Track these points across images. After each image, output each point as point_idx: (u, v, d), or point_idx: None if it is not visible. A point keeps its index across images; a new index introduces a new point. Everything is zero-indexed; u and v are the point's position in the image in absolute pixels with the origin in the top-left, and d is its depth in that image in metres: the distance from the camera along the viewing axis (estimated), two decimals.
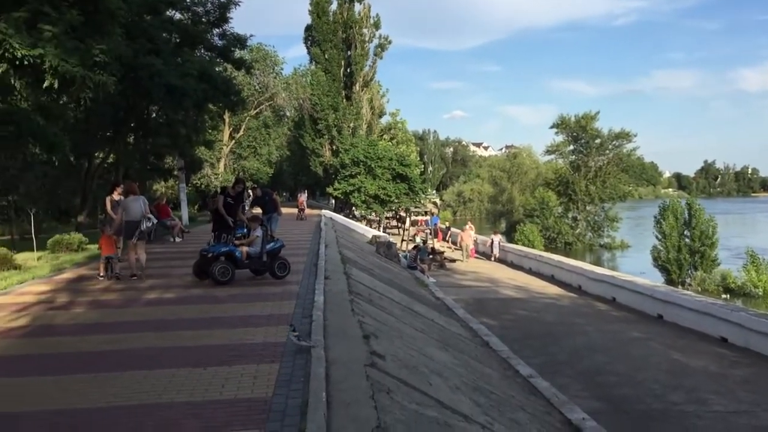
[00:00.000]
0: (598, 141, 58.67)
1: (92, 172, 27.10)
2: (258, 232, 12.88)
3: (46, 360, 7.20)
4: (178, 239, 22.59)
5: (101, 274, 13.29)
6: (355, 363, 6.52)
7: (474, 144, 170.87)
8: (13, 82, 13.65)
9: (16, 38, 12.48)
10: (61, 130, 17.62)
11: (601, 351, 12.96)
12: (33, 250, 18.62)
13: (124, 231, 13.62)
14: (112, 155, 28.85)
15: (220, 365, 6.72)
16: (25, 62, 12.83)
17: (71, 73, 13.36)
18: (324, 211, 41.05)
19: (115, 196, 15.70)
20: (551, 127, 60.13)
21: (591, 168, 58.81)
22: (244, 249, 12.62)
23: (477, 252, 34.51)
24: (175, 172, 34.14)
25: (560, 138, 60.37)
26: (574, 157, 60.25)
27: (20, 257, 17.05)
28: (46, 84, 13.50)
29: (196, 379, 6.27)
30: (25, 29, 12.94)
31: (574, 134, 59.33)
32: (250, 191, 25.62)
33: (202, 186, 50.07)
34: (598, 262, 43.10)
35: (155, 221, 15.68)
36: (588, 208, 58.75)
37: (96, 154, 28.25)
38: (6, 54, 12.55)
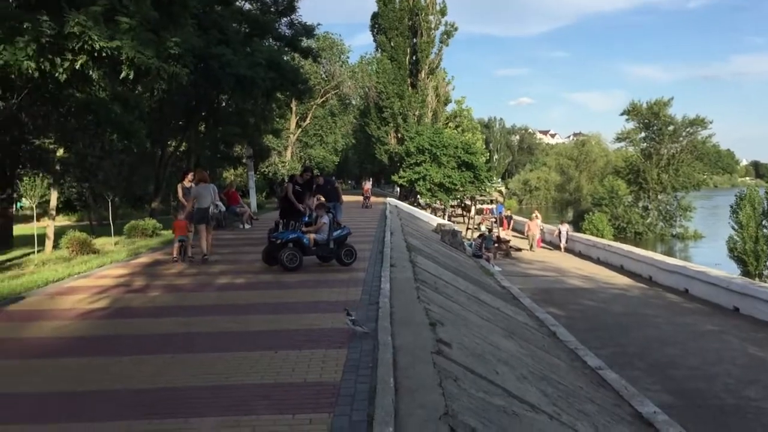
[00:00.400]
0: (671, 128, 56.88)
1: (165, 160, 27.92)
2: (325, 219, 13.05)
3: (125, 340, 7.50)
4: (247, 226, 23.09)
5: (175, 256, 14.10)
6: (422, 350, 6.57)
7: (541, 131, 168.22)
8: (91, 73, 14.17)
9: (94, 31, 12.95)
10: (136, 119, 18.22)
11: (672, 343, 12.65)
12: (110, 235, 19.35)
13: (195, 216, 14.29)
14: (184, 143, 29.65)
15: (290, 349, 6.87)
16: (103, 54, 13.31)
17: (147, 64, 13.79)
18: (389, 199, 41.24)
19: (186, 183, 16.20)
20: (622, 114, 58.61)
21: (663, 156, 57.11)
22: (312, 236, 12.80)
23: (543, 241, 34.06)
24: (244, 160, 34.84)
25: (631, 125, 58.83)
26: (645, 144, 58.61)
27: (99, 242, 17.75)
28: (122, 75, 13.99)
29: (267, 362, 6.43)
30: (103, 22, 13.41)
31: (646, 121, 57.69)
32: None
33: (270, 174, 50.92)
34: (669, 253, 41.92)
35: (223, 208, 16.27)
36: (660, 197, 57.14)
37: (169, 143, 29.08)
38: (85, 46, 13.05)
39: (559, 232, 32.52)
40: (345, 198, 42.89)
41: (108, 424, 4.90)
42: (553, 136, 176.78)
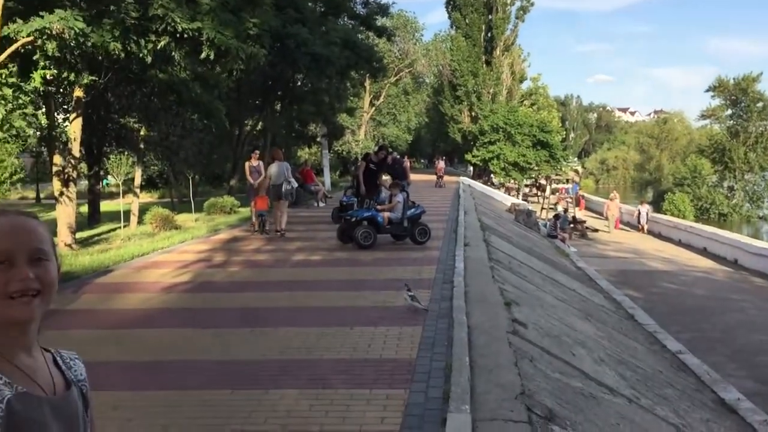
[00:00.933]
0: (760, 104, 54.17)
1: (242, 139, 28.50)
2: (399, 197, 13.09)
3: (207, 313, 7.76)
4: (321, 204, 23.40)
5: (255, 228, 15.17)
6: (497, 329, 6.55)
7: (619, 109, 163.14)
8: (173, 53, 14.56)
9: (177, 12, 13.28)
10: (216, 98, 18.67)
11: (760, 329, 12.16)
12: (191, 212, 19.95)
13: (270, 193, 15.10)
14: (260, 123, 30.18)
15: (366, 326, 6.96)
16: (185, 35, 13.65)
17: (226, 44, 14.07)
18: (462, 178, 40.98)
19: (253, 161, 16.75)
20: (707, 91, 56.08)
21: (751, 134, 54.48)
22: (386, 214, 12.87)
23: (621, 222, 33.21)
24: (319, 139, 35.20)
25: (717, 102, 56.34)
26: (732, 122, 56.05)
27: (180, 218, 18.32)
28: (203, 55, 14.33)
29: (343, 338, 6.53)
30: (185, 3, 13.75)
31: (733, 97, 55.10)
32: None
33: (344, 153, 51.33)
34: (756, 235, 40.12)
35: (295, 185, 16.65)
36: (746, 177, 54.65)
37: (246, 122, 29.66)
38: (168, 28, 13.40)
39: (639, 213, 31.61)
40: (417, 177, 42.80)
41: (194, 392, 5.09)
42: (632, 113, 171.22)
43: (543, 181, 46.36)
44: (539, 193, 46.02)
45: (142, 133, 18.99)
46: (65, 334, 6.81)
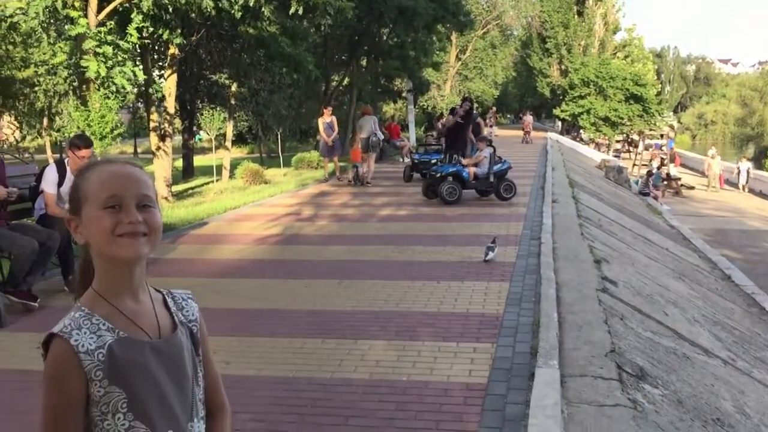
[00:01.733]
0: None
1: (329, 95, 28.72)
2: (486, 152, 12.93)
3: (296, 265, 7.98)
4: (406, 159, 23.40)
5: (350, 179, 16.29)
6: (586, 287, 6.45)
7: (720, 60, 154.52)
8: (263, 9, 14.74)
9: None
10: (304, 51, 18.84)
11: None
12: (279, 167, 20.39)
13: (360, 145, 16.18)
14: (346, 78, 30.29)
15: (453, 280, 6.99)
16: None
17: None
18: (550, 134, 40.07)
19: (326, 117, 17.04)
20: None
21: None
22: (472, 169, 12.76)
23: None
24: (404, 94, 35.04)
25: None
26: None
27: (269, 173, 18.76)
28: (291, 10, 14.44)
29: (430, 292, 6.60)
30: None
31: None
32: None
33: (429, 108, 50.94)
34: None
35: (381, 137, 17.05)
36: None
37: (332, 77, 29.82)
38: None
39: (739, 171, 30.15)
40: (503, 133, 42.12)
41: (286, 339, 5.28)
42: (734, 65, 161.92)
43: (635, 137, 44.77)
44: (631, 149, 44.53)
45: (233, 89, 19.42)
46: (165, 281, 7.15)
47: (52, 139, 20.68)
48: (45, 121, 18.92)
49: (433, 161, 14.87)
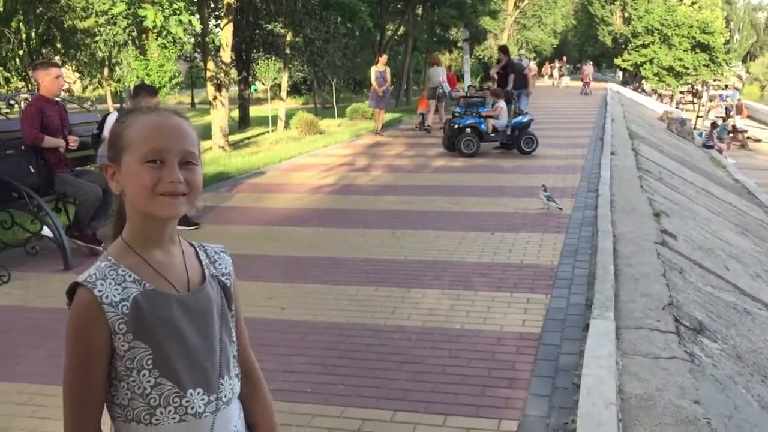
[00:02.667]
0: None
1: (384, 44, 28.40)
2: (501, 104, 12.63)
3: (351, 214, 8.03)
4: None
5: (415, 125, 17.28)
6: (645, 240, 6.32)
7: None
8: None
9: None
10: (359, 0, 18.62)
11: None
12: (333, 117, 20.40)
13: (427, 94, 17.06)
14: (402, 27, 29.85)
15: (507, 231, 6.94)
16: None
17: None
18: (610, 85, 38.92)
19: (379, 66, 16.86)
20: None
21: None
22: (490, 122, 12.48)
23: None
24: (460, 44, 34.44)
25: None
26: None
27: (323, 123, 18.79)
28: None
29: (484, 243, 6.57)
30: None
31: None
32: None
33: (485, 58, 49.95)
34: None
35: (447, 89, 16.97)
36: None
37: (387, 27, 29.43)
38: None
39: None
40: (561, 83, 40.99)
41: (340, 287, 5.35)
42: None
43: (700, 88, 43.16)
44: (695, 101, 43.00)
45: (288, 38, 19.37)
46: (224, 228, 7.32)
47: (113, 89, 21.08)
48: (105, 71, 19.26)
49: (456, 126, 13.47)
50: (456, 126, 12.65)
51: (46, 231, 6.20)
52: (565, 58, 51.26)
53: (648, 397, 3.32)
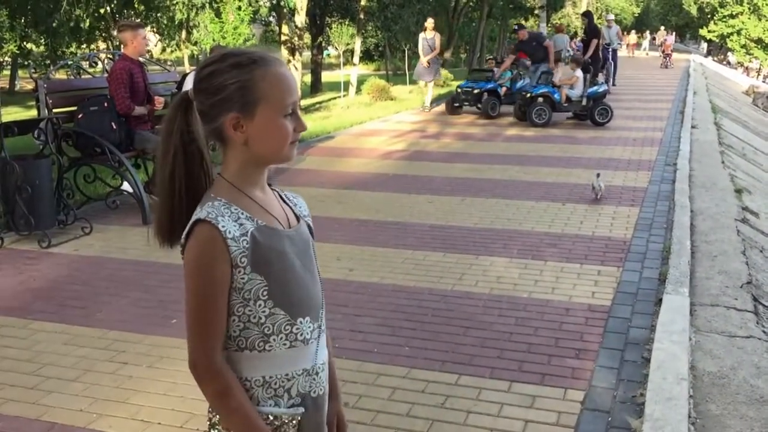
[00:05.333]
0: None
1: (459, 11, 27.98)
2: (579, 73, 12.22)
3: (420, 180, 8.01)
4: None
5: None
6: (724, 216, 6.11)
7: None
8: None
9: None
10: None
11: None
12: (405, 84, 20.27)
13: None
14: None
15: (578, 203, 6.82)
16: None
17: None
18: (693, 56, 37.38)
19: (427, 33, 15.35)
20: None
21: None
22: (564, 91, 12.11)
23: None
24: (537, 11, 33.58)
25: None
26: None
27: (395, 90, 18.70)
28: None
29: (555, 213, 6.47)
30: None
31: None
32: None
33: (566, 26, 48.63)
34: None
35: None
36: None
37: None
38: None
39: None
40: (641, 55, 39.58)
41: (408, 251, 5.37)
42: None
43: None
44: None
45: (362, 3, 19.28)
46: (295, 190, 7.37)
47: (189, 52, 21.49)
48: (183, 33, 19.64)
49: (476, 90, 13.59)
50: (528, 95, 12.39)
51: (126, 186, 6.43)
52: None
53: (722, 375, 3.24)
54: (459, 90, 14.20)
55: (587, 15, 17.65)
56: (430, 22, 15.66)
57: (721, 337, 3.67)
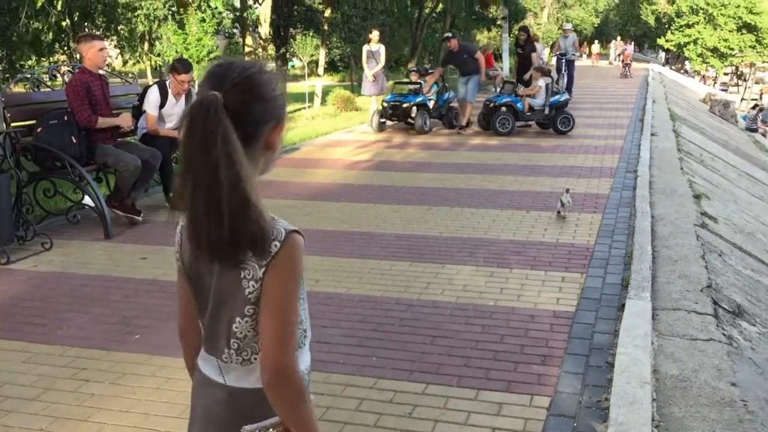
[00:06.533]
0: None
1: (422, 22, 28.16)
2: (541, 82, 12.41)
3: (386, 190, 8.02)
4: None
5: None
6: (684, 221, 6.23)
7: None
8: None
9: None
10: None
11: None
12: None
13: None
14: (440, 4, 29.54)
15: (542, 210, 6.89)
16: None
17: None
18: (652, 65, 38.13)
19: (372, 44, 14.51)
20: None
21: None
22: (527, 100, 12.29)
23: None
24: (499, 22, 34.00)
25: None
26: None
27: (360, 100, 18.73)
28: None
29: (519, 221, 6.53)
30: None
31: None
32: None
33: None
34: None
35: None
36: None
37: (425, 4, 29.15)
38: None
39: None
40: (602, 65, 40.16)
41: (374, 261, 5.37)
42: None
43: (745, 69, 42.06)
44: (739, 83, 41.93)
45: (326, 14, 19.32)
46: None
47: (152, 64, 21.28)
48: (145, 45, 19.45)
49: (405, 105, 12.80)
50: (491, 104, 12.52)
51: (87, 200, 6.33)
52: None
53: (684, 378, 3.29)
54: (385, 105, 13.15)
55: (524, 30, 18.09)
56: (374, 33, 14.58)
57: (683, 341, 3.74)
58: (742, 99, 34.06)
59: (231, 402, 1.50)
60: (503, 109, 12.27)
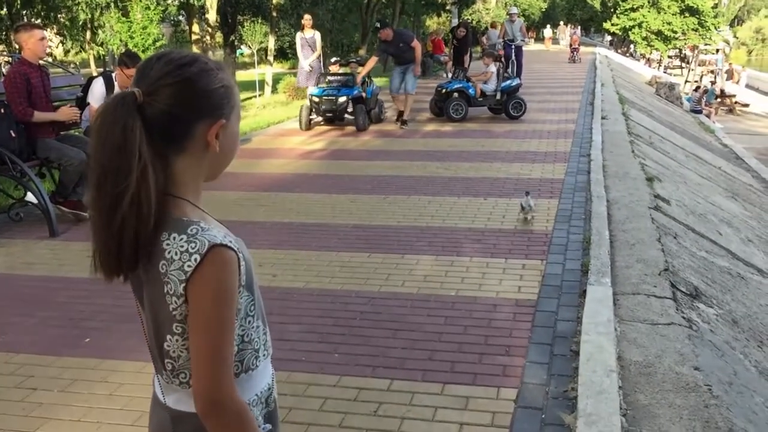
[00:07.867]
0: None
1: (372, 8, 27.96)
2: (492, 68, 12.45)
3: (342, 180, 7.92)
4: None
5: None
6: (638, 204, 6.28)
7: None
8: None
9: None
10: None
11: None
12: None
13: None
14: None
15: (500, 197, 6.88)
16: None
17: None
18: (599, 49, 38.68)
19: (306, 32, 13.20)
20: None
21: None
22: (478, 86, 12.32)
23: None
24: (448, 7, 33.99)
25: None
26: None
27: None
28: None
29: (477, 208, 6.50)
30: None
31: None
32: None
33: (474, 22, 49.37)
34: None
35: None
36: None
37: None
38: None
39: None
40: (552, 49, 40.60)
41: (332, 253, 5.27)
42: None
43: (688, 52, 43.02)
44: (684, 66, 42.87)
45: (274, 1, 19.01)
46: (212, 195, 7.18)
47: (96, 54, 20.66)
48: (88, 34, 18.85)
49: (340, 99, 11.44)
50: (444, 90, 12.48)
51: (30, 197, 6.07)
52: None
53: (648, 364, 3.29)
54: (315, 99, 11.66)
55: (464, 25, 18.39)
56: (307, 19, 13.30)
57: (644, 326, 3.74)
58: (686, 81, 34.81)
59: (172, 426, 1.38)
60: (455, 95, 12.25)
